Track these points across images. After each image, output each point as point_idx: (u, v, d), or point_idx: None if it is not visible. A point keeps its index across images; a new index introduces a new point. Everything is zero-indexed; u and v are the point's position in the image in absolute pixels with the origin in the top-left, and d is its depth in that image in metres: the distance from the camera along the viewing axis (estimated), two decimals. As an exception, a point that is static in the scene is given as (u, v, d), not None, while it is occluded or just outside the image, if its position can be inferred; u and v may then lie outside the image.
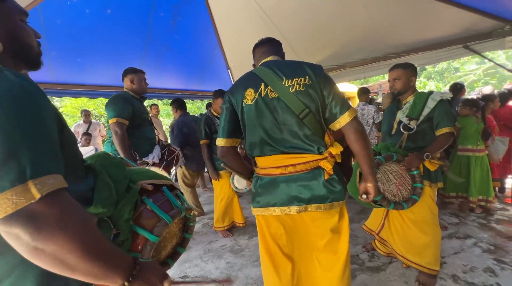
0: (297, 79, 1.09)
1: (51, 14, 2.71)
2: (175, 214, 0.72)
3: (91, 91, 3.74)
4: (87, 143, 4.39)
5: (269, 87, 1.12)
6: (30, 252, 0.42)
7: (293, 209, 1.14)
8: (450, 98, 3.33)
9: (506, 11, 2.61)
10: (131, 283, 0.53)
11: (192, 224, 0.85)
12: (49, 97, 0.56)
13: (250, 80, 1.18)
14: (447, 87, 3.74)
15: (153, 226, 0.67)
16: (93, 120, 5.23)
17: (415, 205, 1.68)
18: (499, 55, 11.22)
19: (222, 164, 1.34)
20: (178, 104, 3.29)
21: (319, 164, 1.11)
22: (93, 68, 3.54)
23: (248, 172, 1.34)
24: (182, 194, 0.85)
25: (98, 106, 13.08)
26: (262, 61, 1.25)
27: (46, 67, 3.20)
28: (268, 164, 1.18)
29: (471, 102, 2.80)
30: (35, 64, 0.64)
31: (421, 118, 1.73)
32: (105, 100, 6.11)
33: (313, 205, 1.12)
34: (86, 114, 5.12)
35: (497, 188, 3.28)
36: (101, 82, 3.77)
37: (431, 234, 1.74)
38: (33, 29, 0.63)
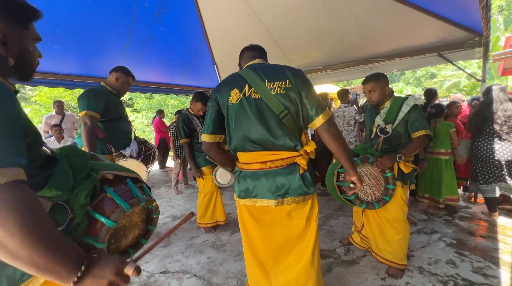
0: (278, 83, 1.19)
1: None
2: (134, 203, 0.77)
3: (68, 81, 3.55)
4: (61, 136, 3.98)
5: (253, 89, 1.21)
6: None
7: (271, 202, 1.23)
8: (423, 103, 3.55)
9: (475, 24, 2.81)
10: (80, 279, 0.51)
11: (155, 216, 0.89)
12: (21, 85, 0.60)
13: (235, 80, 1.27)
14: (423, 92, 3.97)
15: (111, 212, 0.73)
16: (66, 112, 4.89)
17: (389, 205, 1.79)
18: (471, 64, 11.98)
19: (207, 157, 1.42)
20: None
21: (295, 160, 1.22)
22: (71, 57, 3.35)
23: (232, 164, 1.45)
24: (149, 188, 0.90)
25: (75, 97, 12.31)
26: (249, 63, 1.34)
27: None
28: (250, 160, 1.28)
29: (436, 107, 3.03)
30: (29, 78, 0.73)
31: (396, 122, 1.83)
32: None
33: (289, 198, 1.22)
34: (59, 105, 4.74)
35: (461, 186, 3.52)
36: (79, 72, 3.58)
37: (402, 232, 1.85)
38: (38, 51, 0.76)
